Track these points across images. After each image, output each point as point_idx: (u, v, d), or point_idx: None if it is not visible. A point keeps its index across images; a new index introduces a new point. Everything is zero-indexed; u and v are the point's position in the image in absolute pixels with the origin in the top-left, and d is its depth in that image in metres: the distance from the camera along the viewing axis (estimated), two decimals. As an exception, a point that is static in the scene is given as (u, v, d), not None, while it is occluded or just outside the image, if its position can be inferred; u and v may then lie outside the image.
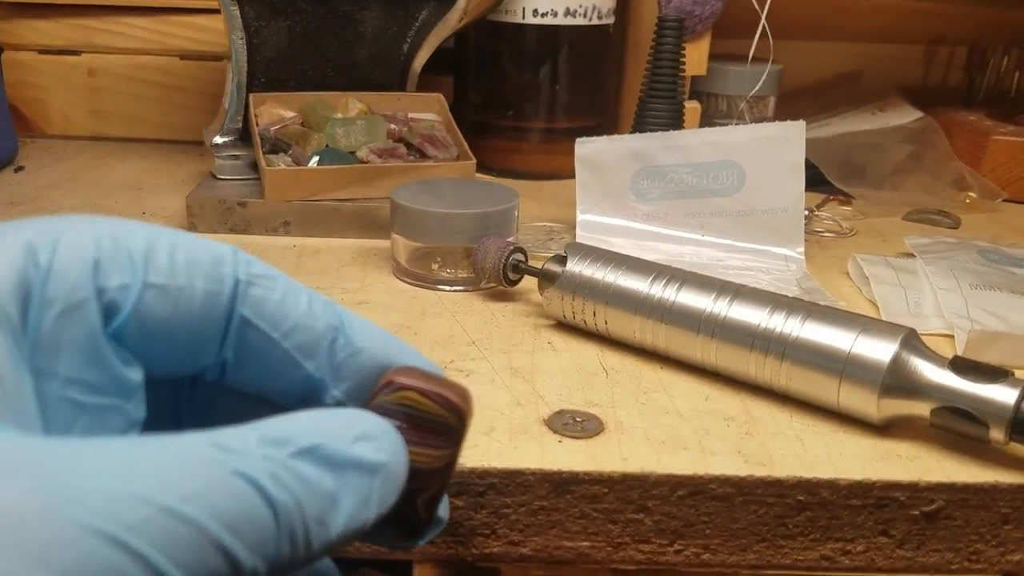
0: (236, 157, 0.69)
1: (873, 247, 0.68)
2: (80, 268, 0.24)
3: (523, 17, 0.78)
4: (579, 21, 0.78)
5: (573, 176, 0.65)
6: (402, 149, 0.68)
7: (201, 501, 0.20)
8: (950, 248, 0.64)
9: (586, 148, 0.64)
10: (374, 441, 0.25)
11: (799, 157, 0.62)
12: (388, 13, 0.72)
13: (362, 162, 0.66)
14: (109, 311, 0.25)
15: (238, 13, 0.69)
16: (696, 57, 0.75)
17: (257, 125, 0.67)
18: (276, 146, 0.67)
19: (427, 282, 0.58)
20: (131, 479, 0.19)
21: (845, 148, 0.84)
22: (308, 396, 0.29)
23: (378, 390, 0.29)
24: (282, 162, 0.66)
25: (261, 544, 0.21)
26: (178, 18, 0.85)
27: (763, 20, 0.72)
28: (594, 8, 0.78)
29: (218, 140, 0.70)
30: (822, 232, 0.71)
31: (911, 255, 0.64)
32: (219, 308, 0.26)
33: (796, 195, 0.63)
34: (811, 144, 0.79)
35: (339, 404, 0.29)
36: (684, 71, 0.66)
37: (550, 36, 0.79)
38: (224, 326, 0.27)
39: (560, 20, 0.78)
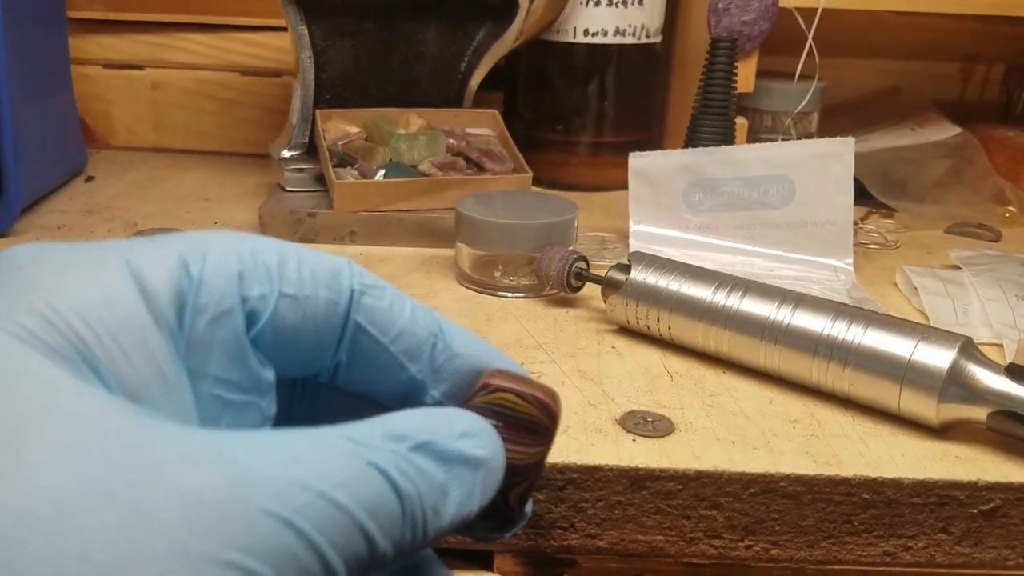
0: (303, 170, 0.72)
1: (918, 259, 0.70)
2: (226, 279, 0.27)
3: (574, 36, 0.81)
4: (628, 40, 0.81)
5: (619, 188, 0.67)
6: (461, 162, 0.71)
7: (348, 488, 0.22)
8: (994, 261, 0.66)
9: (640, 161, 0.67)
10: (475, 438, 0.27)
11: (848, 172, 0.64)
12: (447, 33, 0.75)
13: (424, 175, 0.69)
14: (251, 318, 0.27)
15: (306, 33, 0.72)
16: (744, 75, 0.77)
17: (324, 140, 0.70)
18: (343, 160, 0.70)
19: (489, 288, 0.61)
20: (294, 468, 0.22)
21: (885, 163, 0.86)
22: (409, 396, 0.31)
23: (475, 392, 0.31)
24: (349, 175, 0.68)
25: (391, 529, 0.23)
26: (239, 35, 0.88)
27: (810, 39, 0.74)
28: (643, 27, 0.81)
29: (286, 154, 0.72)
30: (867, 244, 0.73)
31: (956, 267, 0.66)
32: (337, 315, 0.29)
33: (845, 208, 0.65)
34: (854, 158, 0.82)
35: (438, 403, 0.31)
36: (736, 89, 0.68)
37: (600, 54, 0.82)
38: (340, 332, 0.29)
39: (610, 39, 0.81)
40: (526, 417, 0.31)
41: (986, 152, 0.87)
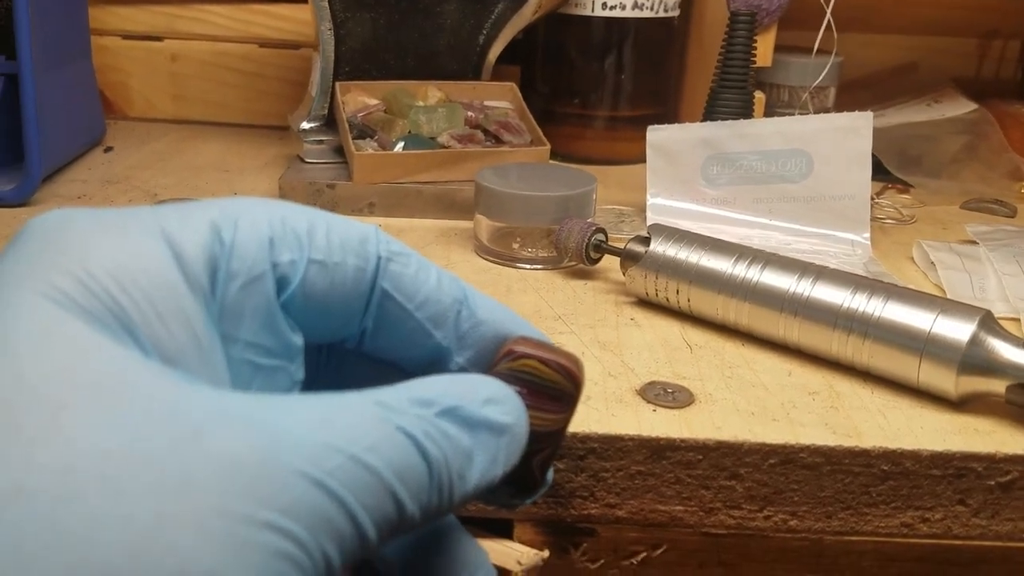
0: (322, 142, 0.72)
1: (934, 234, 0.71)
2: (258, 245, 0.27)
3: (592, 10, 0.81)
4: (646, 14, 0.81)
5: (636, 162, 0.68)
6: (480, 135, 0.71)
7: (378, 452, 0.23)
8: (1010, 236, 0.67)
9: (658, 135, 0.67)
10: (500, 404, 0.28)
11: (866, 146, 0.65)
12: (466, 6, 0.75)
13: (443, 147, 0.69)
14: (281, 283, 0.28)
15: (326, 5, 0.72)
16: (762, 49, 0.77)
17: (344, 112, 0.71)
18: (363, 132, 0.70)
19: (507, 260, 0.61)
20: (326, 431, 0.22)
21: (902, 138, 0.86)
22: (435, 363, 0.31)
23: (500, 358, 0.32)
24: (369, 147, 0.69)
25: (419, 493, 0.24)
26: (258, 6, 0.88)
27: (828, 14, 0.74)
28: (661, 1, 0.81)
29: (305, 125, 0.73)
30: (883, 219, 0.73)
31: (973, 242, 0.66)
32: (365, 282, 0.29)
33: (862, 183, 0.65)
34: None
35: (462, 370, 0.32)
36: (755, 63, 0.68)
37: (617, 28, 0.82)
38: (368, 298, 0.29)
39: (628, 13, 0.81)
40: (550, 384, 0.31)
41: (1002, 128, 0.87)
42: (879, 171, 0.81)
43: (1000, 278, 0.58)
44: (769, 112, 0.83)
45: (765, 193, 0.66)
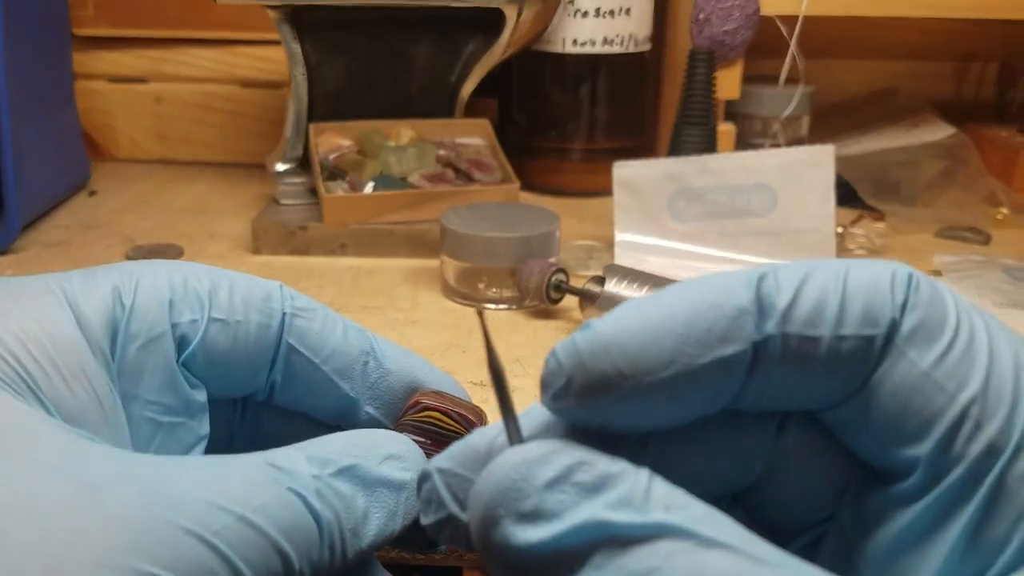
0: (296, 183, 0.73)
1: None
2: (158, 307, 0.29)
3: (563, 47, 0.82)
4: (616, 49, 0.82)
5: (612, 194, 0.68)
6: (450, 174, 0.73)
7: (266, 512, 0.24)
8: (977, 266, 0.67)
9: (624, 171, 0.68)
10: (401, 460, 0.28)
11: (829, 180, 0.65)
12: (438, 47, 0.77)
13: (413, 187, 0.71)
14: (181, 343, 0.29)
15: (299, 50, 0.74)
16: (729, 82, 0.78)
17: (317, 153, 0.72)
18: (334, 173, 0.72)
19: (474, 300, 0.62)
20: (215, 492, 0.23)
21: (879, 165, 0.86)
22: (345, 413, 0.32)
23: (406, 410, 0.33)
24: (340, 188, 0.70)
25: (308, 551, 0.25)
26: (242, 49, 0.90)
27: (791, 47, 0.75)
28: (630, 36, 0.82)
29: (280, 168, 0.74)
30: (854, 249, 0.74)
31: (939, 273, 0.66)
32: (270, 338, 0.30)
33: (827, 216, 0.66)
34: (845, 161, 0.82)
35: (372, 419, 0.33)
36: (716, 99, 0.69)
37: (589, 64, 0.83)
38: (273, 353, 0.31)
39: (598, 49, 0.82)
40: (452, 434, 0.32)
41: (981, 152, 0.88)
42: (855, 199, 0.81)
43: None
44: (742, 144, 0.84)
45: (731, 227, 0.67)
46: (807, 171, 0.66)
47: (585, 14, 0.80)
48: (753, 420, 0.23)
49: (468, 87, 0.78)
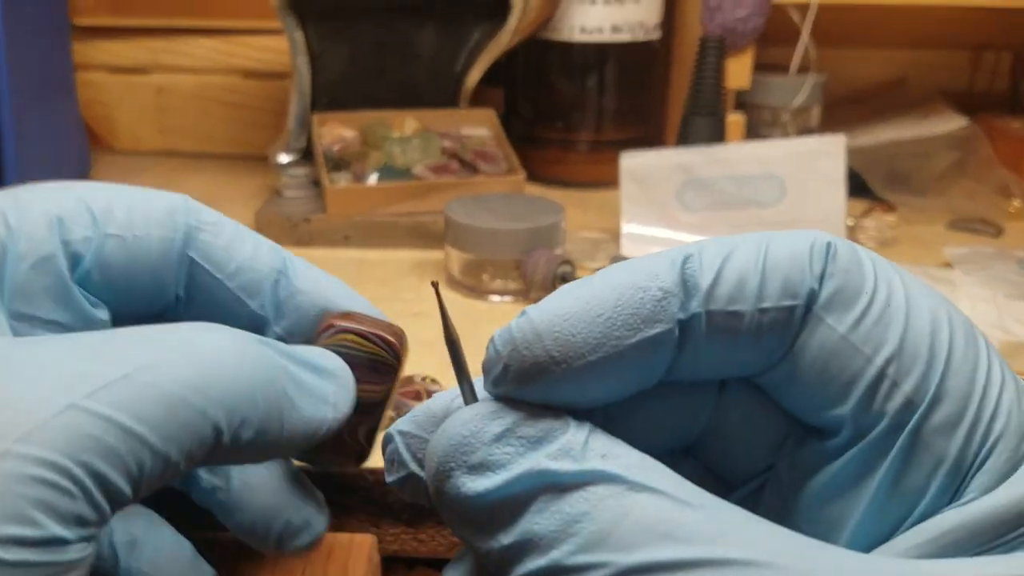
0: (300, 175, 0.72)
1: (914, 256, 0.70)
2: (46, 226, 0.28)
3: (571, 35, 0.81)
4: (625, 37, 0.81)
5: (619, 185, 0.67)
6: (455, 165, 0.72)
7: (158, 370, 0.24)
8: (988, 258, 0.66)
9: (632, 161, 0.67)
10: (325, 356, 0.30)
11: (839, 170, 0.64)
12: (443, 35, 0.76)
13: (417, 178, 0.70)
14: (75, 260, 0.29)
15: (302, 38, 0.73)
16: (739, 71, 0.77)
17: (320, 144, 0.71)
18: (338, 164, 0.71)
19: (479, 292, 0.61)
20: (93, 360, 0.23)
21: (890, 157, 0.85)
22: (253, 332, 0.31)
23: (319, 333, 0.32)
24: (344, 180, 0.69)
25: (236, 406, 0.25)
26: (243, 38, 0.89)
27: (804, 35, 0.74)
28: (640, 24, 0.81)
29: (283, 159, 0.73)
30: (865, 242, 0.73)
31: (951, 265, 0.65)
32: (173, 253, 0.30)
33: (837, 206, 0.65)
34: (856, 153, 0.81)
35: (281, 340, 0.31)
36: (726, 88, 0.68)
37: (597, 52, 0.82)
38: (176, 269, 0.30)
39: (607, 37, 0.81)
40: (370, 356, 0.32)
41: (993, 144, 0.86)
42: (866, 191, 0.80)
43: (972, 304, 0.58)
44: (752, 134, 0.82)
45: (740, 218, 0.66)
46: (817, 161, 0.65)
47: (594, 1, 0.79)
48: (693, 386, 0.24)
49: (473, 76, 0.77)
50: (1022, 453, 0.21)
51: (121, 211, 0.29)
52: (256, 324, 0.31)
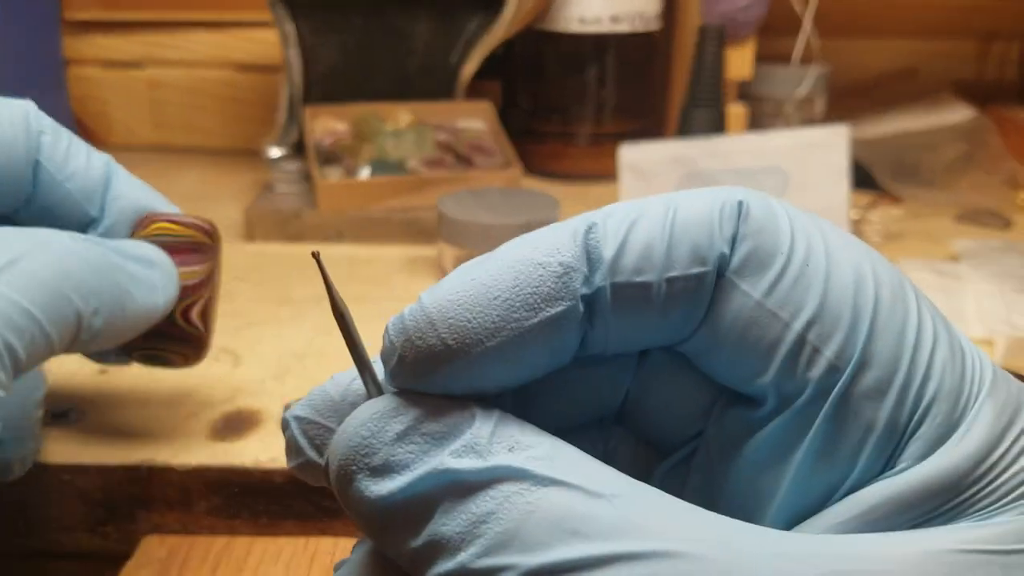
0: (291, 169, 0.71)
1: (922, 249, 0.68)
2: None
3: (570, 26, 0.79)
4: (624, 28, 0.79)
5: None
6: (449, 158, 0.70)
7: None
8: (997, 252, 0.64)
9: (631, 154, 0.65)
10: (143, 245, 0.35)
11: (843, 162, 0.63)
12: (437, 26, 0.74)
13: (411, 173, 0.68)
14: None
15: (293, 30, 0.71)
16: (741, 61, 0.76)
17: (312, 138, 0.70)
18: (329, 158, 0.69)
19: (473, 290, 0.60)
20: None
21: (897, 148, 0.83)
22: (85, 230, 0.36)
23: (135, 228, 0.37)
24: (335, 174, 0.68)
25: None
26: (236, 31, 0.87)
27: (805, 25, 0.72)
28: (640, 15, 0.79)
29: (274, 153, 0.72)
30: (871, 235, 0.71)
31: (958, 259, 0.64)
32: (19, 153, 0.34)
33: (841, 199, 0.63)
34: (862, 145, 0.79)
35: (104, 236, 0.36)
36: (726, 78, 0.66)
37: (596, 43, 0.80)
38: (25, 168, 0.34)
39: (606, 28, 0.79)
40: (186, 238, 0.37)
41: (1002, 135, 0.85)
42: (872, 184, 0.79)
43: (979, 298, 0.56)
44: (755, 126, 0.81)
45: (741, 212, 0.64)
46: (820, 153, 0.63)
47: (591, -10, 0.77)
48: (610, 359, 0.22)
49: (469, 68, 0.75)
50: (957, 417, 0.19)
51: None
52: (85, 225, 0.36)
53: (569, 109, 0.83)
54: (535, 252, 0.20)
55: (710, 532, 0.18)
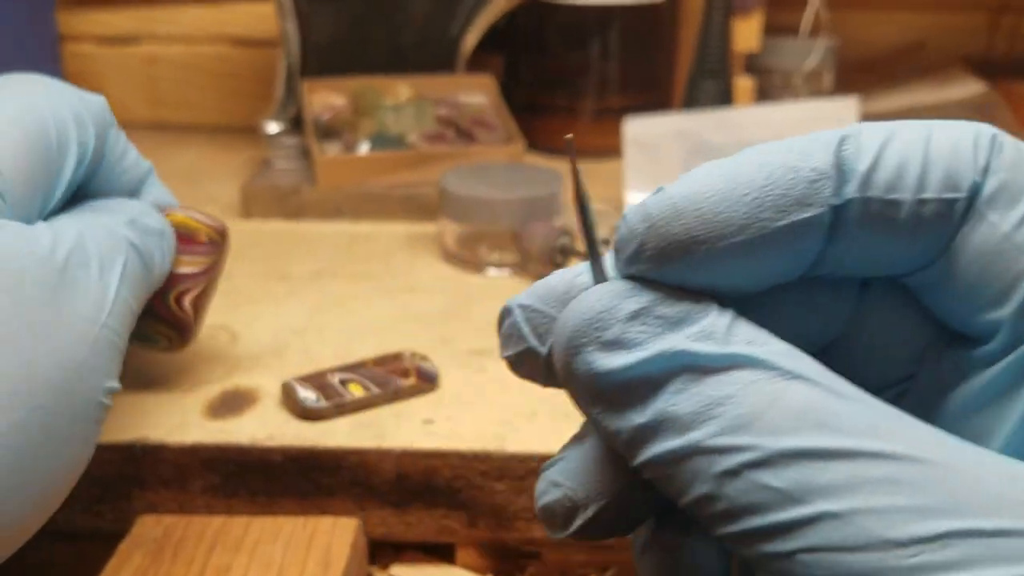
0: (289, 145, 0.70)
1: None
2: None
3: (573, -4, 0.78)
4: (630, 0, 0.78)
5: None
6: (451, 133, 0.69)
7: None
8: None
9: (636, 128, 0.64)
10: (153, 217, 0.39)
11: (852, 134, 0.61)
12: (437, -3, 0.73)
13: (411, 148, 0.67)
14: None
15: (290, 2, 0.70)
16: (748, 32, 0.74)
17: (310, 112, 0.68)
18: (328, 133, 0.68)
19: (475, 266, 0.59)
20: None
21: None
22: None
23: None
24: (334, 149, 0.67)
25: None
26: (233, 6, 0.86)
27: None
28: (645, -15, 0.78)
29: (272, 128, 0.71)
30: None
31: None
32: (98, 142, 0.38)
33: (849, 173, 0.62)
34: (871, 119, 0.78)
35: None
36: (733, 49, 0.65)
37: (601, 15, 0.79)
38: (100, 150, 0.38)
39: (610, -1, 0.77)
40: (196, 230, 0.40)
41: (1012, 110, 0.83)
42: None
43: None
44: (763, 98, 0.79)
45: (748, 186, 0.63)
46: (829, 126, 0.61)
47: (595, -40, 0.76)
48: (835, 283, 0.22)
49: (470, 41, 0.74)
50: None
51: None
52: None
53: (573, 83, 0.81)
54: (788, 155, 0.20)
55: (953, 448, 0.17)
